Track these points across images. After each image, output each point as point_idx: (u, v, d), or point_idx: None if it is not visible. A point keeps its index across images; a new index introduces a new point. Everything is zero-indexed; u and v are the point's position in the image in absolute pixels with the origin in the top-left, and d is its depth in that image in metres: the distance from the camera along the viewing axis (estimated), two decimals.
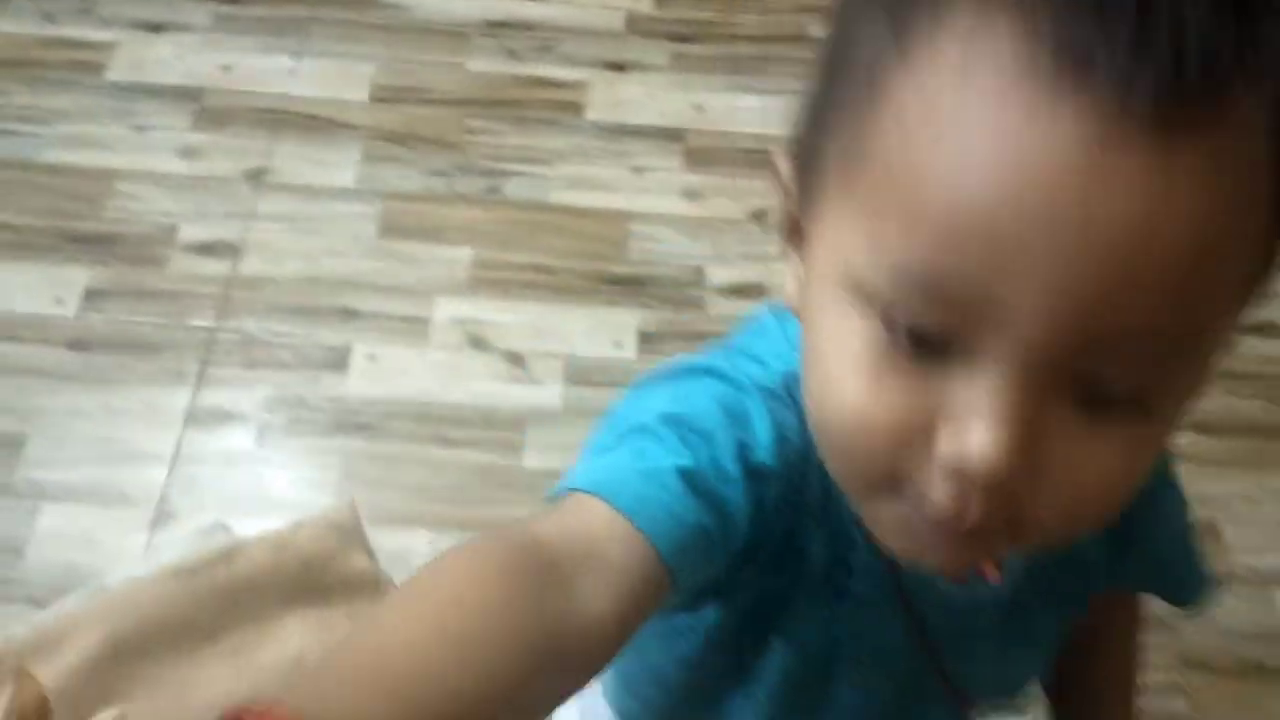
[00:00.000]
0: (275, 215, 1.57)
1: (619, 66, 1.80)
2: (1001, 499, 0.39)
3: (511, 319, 1.51)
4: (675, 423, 0.47)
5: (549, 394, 1.45)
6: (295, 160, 1.63)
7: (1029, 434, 0.37)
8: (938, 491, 0.39)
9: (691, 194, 1.66)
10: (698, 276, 1.57)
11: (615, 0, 1.89)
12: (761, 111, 1.75)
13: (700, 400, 0.49)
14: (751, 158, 1.70)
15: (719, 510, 0.46)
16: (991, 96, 0.35)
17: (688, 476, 0.45)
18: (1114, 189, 0.34)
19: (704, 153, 1.71)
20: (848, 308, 0.40)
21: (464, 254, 1.56)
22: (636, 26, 1.86)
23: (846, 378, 0.40)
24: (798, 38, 1.86)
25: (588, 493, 0.44)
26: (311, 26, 1.79)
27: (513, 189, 1.63)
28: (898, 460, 0.40)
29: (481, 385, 1.45)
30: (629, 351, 1.49)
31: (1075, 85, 0.34)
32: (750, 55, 1.84)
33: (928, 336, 0.38)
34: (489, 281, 1.54)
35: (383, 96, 1.72)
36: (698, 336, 1.51)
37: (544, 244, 1.59)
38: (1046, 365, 0.37)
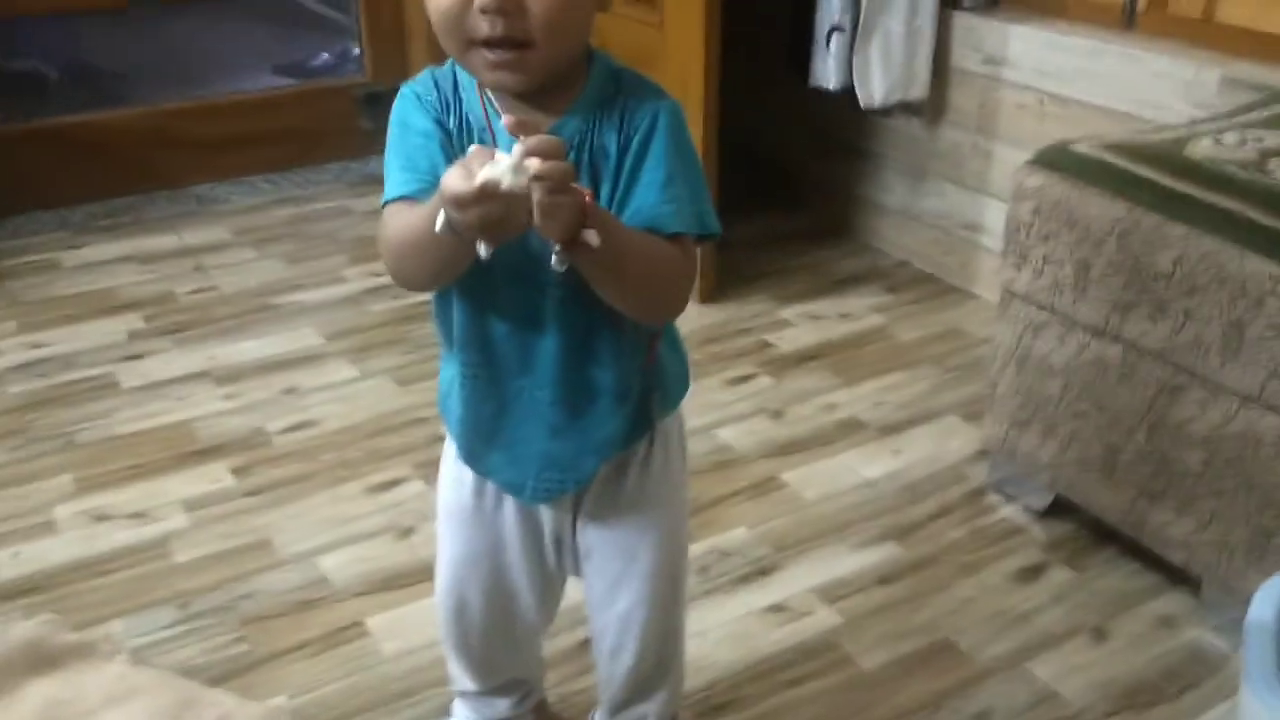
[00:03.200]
0: None
1: None
2: (508, 20, 0.86)
3: None
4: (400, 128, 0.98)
5: None
6: None
7: None
8: (484, 25, 0.87)
9: None
10: None
11: None
12: None
13: (401, 109, 0.99)
14: None
15: (433, 141, 0.96)
16: None
17: (410, 162, 0.95)
18: None
19: None
20: None
21: None
22: None
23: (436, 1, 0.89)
24: None
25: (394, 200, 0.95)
26: None
27: None
28: (465, 24, 0.88)
29: None
30: None
31: None
32: None
33: None
34: None
35: None
36: None
37: None
38: None
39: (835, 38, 2.44)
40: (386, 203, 0.98)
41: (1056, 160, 1.65)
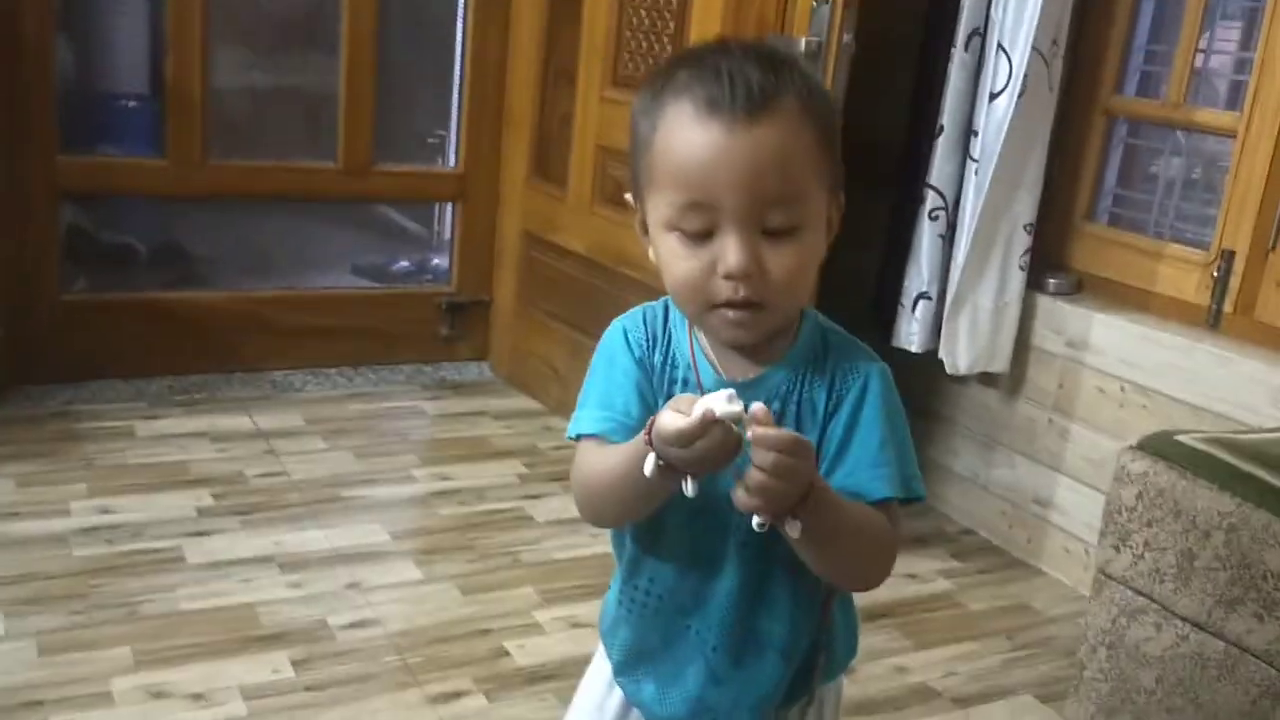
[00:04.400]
0: None
1: None
2: (750, 283, 0.91)
3: None
4: (605, 362, 1.03)
5: None
6: None
7: (751, 253, 0.91)
8: (726, 289, 0.92)
9: None
10: None
11: None
12: None
13: (609, 344, 1.04)
14: None
15: (631, 381, 1.01)
16: (691, 126, 0.91)
17: (607, 399, 1.00)
18: (741, 146, 0.89)
19: None
20: (667, 235, 0.95)
21: None
22: None
23: (676, 263, 0.95)
24: None
25: (587, 435, 1.00)
26: None
27: None
28: (707, 289, 0.93)
29: None
30: None
31: (715, 114, 0.90)
32: None
33: (699, 233, 0.93)
34: None
35: None
36: None
37: None
38: (747, 223, 0.91)
39: (921, 304, 2.53)
40: (579, 436, 1.01)
41: (1162, 449, 1.68)
